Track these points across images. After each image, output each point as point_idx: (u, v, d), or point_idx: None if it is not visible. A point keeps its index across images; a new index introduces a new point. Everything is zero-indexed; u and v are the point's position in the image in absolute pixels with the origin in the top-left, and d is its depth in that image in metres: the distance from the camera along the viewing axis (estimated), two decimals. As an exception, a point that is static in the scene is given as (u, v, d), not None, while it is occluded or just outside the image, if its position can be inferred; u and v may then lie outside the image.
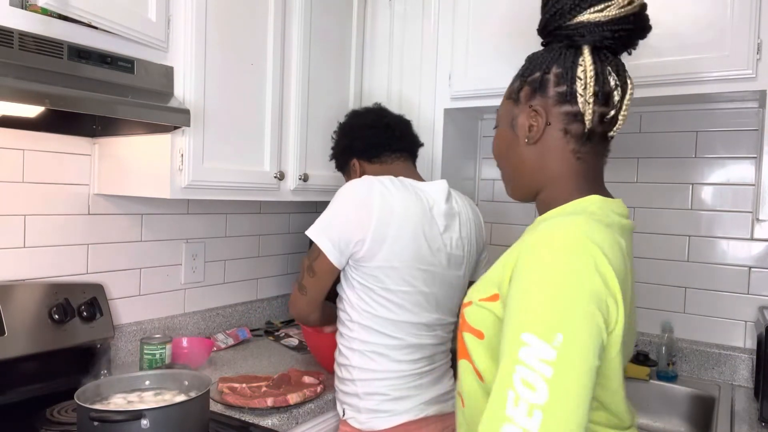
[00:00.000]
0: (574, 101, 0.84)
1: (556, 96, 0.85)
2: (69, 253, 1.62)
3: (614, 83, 0.84)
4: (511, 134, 0.91)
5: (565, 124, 0.85)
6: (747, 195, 1.88)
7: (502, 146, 0.95)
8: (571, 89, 0.83)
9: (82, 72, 1.28)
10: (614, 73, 0.85)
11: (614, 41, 0.84)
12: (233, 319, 2.11)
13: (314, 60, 1.92)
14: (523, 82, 0.89)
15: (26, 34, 1.18)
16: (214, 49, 1.56)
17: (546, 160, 0.88)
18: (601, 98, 0.84)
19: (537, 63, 0.88)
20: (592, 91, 0.83)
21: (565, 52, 0.85)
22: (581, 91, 0.83)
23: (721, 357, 1.90)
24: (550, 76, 0.85)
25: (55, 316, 1.47)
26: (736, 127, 1.90)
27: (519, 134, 0.89)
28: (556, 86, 0.85)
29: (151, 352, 1.63)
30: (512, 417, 0.64)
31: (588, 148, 0.87)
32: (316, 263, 1.39)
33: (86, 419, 1.09)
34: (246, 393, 1.45)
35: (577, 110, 0.84)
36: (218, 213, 2.06)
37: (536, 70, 0.87)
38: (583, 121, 0.85)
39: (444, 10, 2.03)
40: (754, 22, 1.53)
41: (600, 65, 0.84)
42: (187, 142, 1.50)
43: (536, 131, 0.87)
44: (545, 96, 0.86)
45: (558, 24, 0.85)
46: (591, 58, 0.83)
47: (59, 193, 1.59)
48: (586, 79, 0.83)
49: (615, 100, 0.85)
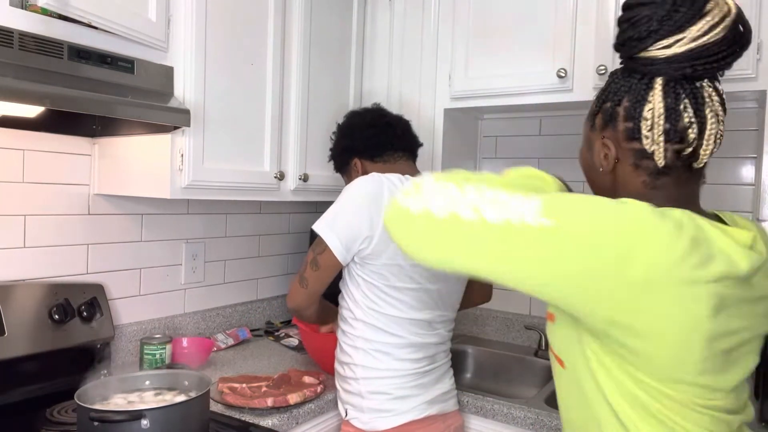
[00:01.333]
0: (641, 139, 0.80)
1: (624, 131, 0.82)
2: (69, 253, 1.62)
3: (689, 120, 0.78)
4: (589, 156, 0.90)
5: (635, 159, 0.82)
6: (747, 195, 1.88)
7: (583, 164, 0.93)
8: (638, 127, 0.80)
9: (82, 72, 1.28)
10: (692, 107, 0.78)
11: (695, 72, 0.77)
12: (233, 319, 2.11)
13: (314, 60, 1.92)
14: (598, 108, 0.86)
15: (26, 34, 1.18)
16: (214, 49, 1.56)
17: (619, 189, 0.86)
18: (674, 136, 0.79)
19: (611, 90, 0.84)
20: (662, 130, 0.78)
21: (636, 83, 0.80)
22: (646, 132, 0.79)
23: (721, 357, 1.89)
24: (620, 109, 0.82)
25: (55, 316, 1.47)
26: (736, 127, 1.90)
27: (594, 158, 0.88)
28: (625, 121, 0.81)
29: (151, 352, 1.63)
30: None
31: (665, 180, 0.83)
32: (321, 257, 1.39)
33: (86, 419, 1.09)
34: (246, 393, 1.45)
35: (642, 148, 0.81)
36: (218, 213, 2.06)
37: (609, 99, 0.84)
38: (653, 158, 0.81)
39: (444, 9, 2.03)
40: (754, 22, 1.53)
41: (674, 100, 0.78)
42: (187, 142, 1.50)
43: (608, 164, 0.85)
44: (615, 130, 0.83)
45: (629, 54, 0.81)
46: (662, 94, 0.78)
47: (59, 193, 1.59)
48: (654, 118, 0.78)
49: (690, 138, 0.79)
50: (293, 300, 1.47)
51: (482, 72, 1.95)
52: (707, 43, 0.76)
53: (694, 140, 0.80)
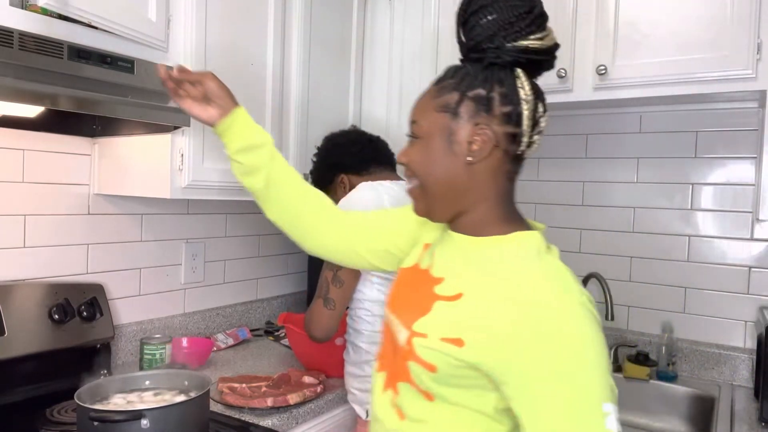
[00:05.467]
0: (519, 123, 0.84)
1: (501, 116, 0.84)
2: (69, 253, 1.62)
3: (542, 109, 0.86)
4: (446, 150, 0.86)
5: (506, 145, 0.85)
6: (747, 195, 1.88)
7: (428, 161, 0.88)
8: (517, 110, 0.83)
9: (82, 72, 1.28)
10: (541, 99, 0.86)
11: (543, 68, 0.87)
12: (233, 319, 2.11)
13: (314, 60, 1.92)
14: (463, 96, 0.85)
15: (26, 34, 1.18)
16: (213, 49, 1.56)
17: (481, 181, 0.86)
18: (535, 123, 0.85)
19: (476, 80, 0.85)
20: (532, 115, 0.84)
21: (501, 72, 0.84)
22: (527, 114, 0.84)
23: (721, 357, 1.89)
24: (494, 95, 0.84)
25: (55, 316, 1.47)
26: (736, 127, 1.90)
27: (457, 151, 0.85)
28: (502, 106, 0.84)
29: (151, 352, 1.63)
30: None
31: (517, 169, 0.89)
32: (342, 272, 1.40)
33: (86, 419, 1.09)
34: (246, 393, 1.45)
35: (519, 131, 0.84)
36: (218, 213, 2.06)
37: (477, 87, 0.84)
38: (519, 143, 0.85)
39: (444, 9, 2.03)
40: (754, 22, 1.53)
41: (534, 90, 0.85)
42: (187, 142, 1.50)
43: (483, 151, 0.84)
44: (491, 115, 0.84)
45: (498, 44, 0.83)
46: (528, 82, 0.85)
47: (59, 193, 1.59)
48: (530, 102, 0.84)
49: (541, 126, 0.86)
50: (321, 326, 1.43)
51: (482, 72, 1.95)
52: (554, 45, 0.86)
53: (542, 129, 0.87)
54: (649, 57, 1.68)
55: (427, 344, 0.82)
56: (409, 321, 0.87)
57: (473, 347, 0.78)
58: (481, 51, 0.85)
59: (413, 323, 0.86)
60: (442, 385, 0.83)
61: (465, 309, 0.82)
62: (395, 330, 0.91)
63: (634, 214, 2.07)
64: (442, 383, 0.82)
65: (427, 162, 0.88)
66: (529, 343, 0.74)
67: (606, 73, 1.72)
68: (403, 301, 0.93)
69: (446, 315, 0.83)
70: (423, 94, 0.92)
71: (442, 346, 0.80)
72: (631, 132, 2.07)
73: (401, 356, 0.87)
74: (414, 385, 0.86)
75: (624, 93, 1.74)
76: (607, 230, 2.12)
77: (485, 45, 0.84)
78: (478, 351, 0.78)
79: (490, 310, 0.79)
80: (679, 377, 1.92)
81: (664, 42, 1.66)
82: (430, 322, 0.84)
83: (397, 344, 0.89)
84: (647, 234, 2.04)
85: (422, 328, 0.84)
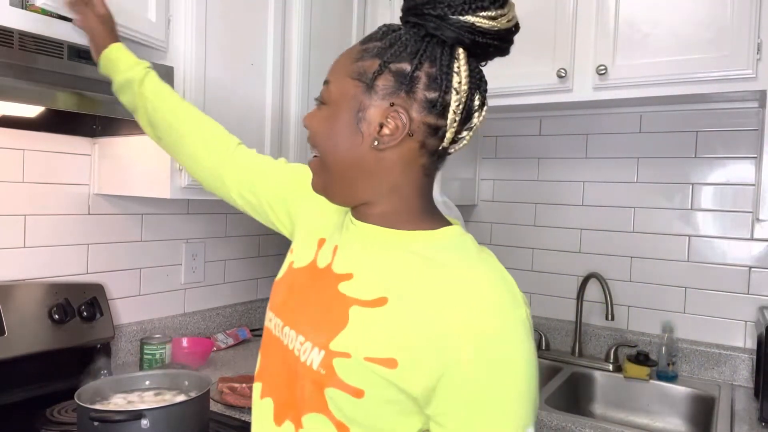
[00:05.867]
0: (443, 114, 0.69)
1: (423, 101, 0.69)
2: (69, 253, 1.62)
3: (480, 102, 0.72)
4: (352, 125, 0.71)
5: (424, 136, 0.71)
6: (747, 195, 1.89)
7: (331, 133, 0.73)
8: (444, 99, 0.69)
9: (82, 72, 1.27)
10: (480, 90, 0.72)
11: (493, 54, 0.73)
12: (233, 319, 2.11)
13: (314, 60, 1.92)
14: (384, 67, 0.69)
15: (26, 34, 1.18)
16: (214, 49, 1.56)
17: (389, 170, 0.72)
18: (466, 116, 0.71)
19: (405, 50, 0.69)
20: (463, 108, 0.70)
21: (436, 48, 0.69)
22: (455, 106, 0.69)
23: (721, 357, 1.90)
24: (421, 74, 0.69)
25: (55, 316, 1.47)
26: (736, 127, 1.90)
27: (363, 130, 0.71)
28: (426, 90, 0.69)
29: (151, 352, 1.63)
30: None
31: (437, 165, 0.75)
32: None
33: (86, 419, 1.09)
34: (246, 393, 1.45)
35: (442, 125, 0.70)
36: (218, 213, 2.06)
37: (403, 59, 0.69)
38: (442, 138, 0.71)
39: (444, 10, 2.03)
40: (754, 22, 1.53)
41: (476, 78, 0.71)
42: (187, 142, 1.50)
43: (393, 138, 0.70)
44: (412, 98, 0.69)
45: (440, 13, 0.68)
46: (467, 68, 0.69)
47: (59, 193, 1.59)
48: (461, 93, 0.69)
49: (474, 122, 0.72)
50: None
51: (482, 72, 1.95)
52: (510, 28, 0.71)
53: (474, 125, 0.73)
54: (649, 57, 1.68)
55: (351, 365, 0.68)
56: (324, 339, 0.71)
57: (408, 369, 0.66)
58: (420, 15, 0.70)
59: (330, 341, 0.70)
60: (368, 413, 0.69)
61: (393, 320, 0.68)
62: (295, 348, 0.74)
63: (634, 214, 2.07)
64: (368, 410, 0.68)
65: (329, 134, 0.73)
66: (465, 362, 0.64)
67: (606, 73, 1.72)
68: (302, 309, 0.77)
69: (369, 326, 0.69)
70: (345, 52, 0.76)
71: (370, 367, 0.67)
72: (631, 132, 2.07)
73: (313, 383, 0.71)
74: (330, 416, 0.70)
75: (624, 93, 1.74)
76: (607, 230, 2.12)
77: (426, 9, 0.69)
78: (413, 373, 0.65)
79: (425, 322, 0.66)
80: (679, 377, 1.92)
81: (664, 42, 1.66)
82: (352, 338, 0.69)
83: (302, 368, 0.72)
84: (647, 234, 2.05)
85: (342, 346, 0.69)
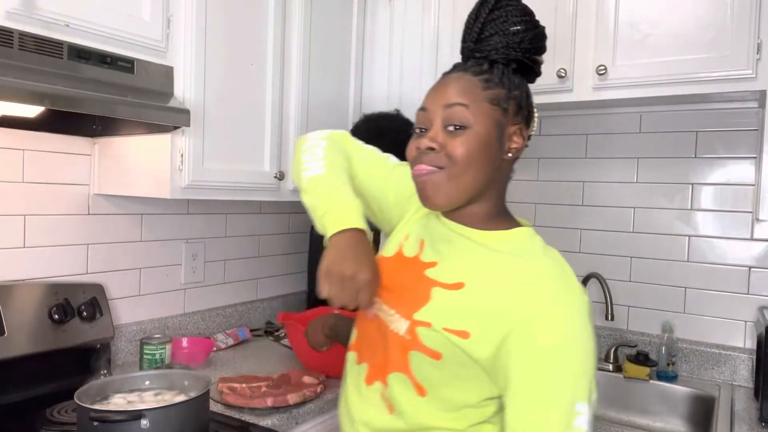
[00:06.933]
0: (531, 125, 0.92)
1: (525, 117, 0.90)
2: (69, 253, 1.62)
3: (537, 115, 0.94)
4: (495, 142, 0.87)
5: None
6: (747, 195, 1.88)
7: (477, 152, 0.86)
8: (531, 114, 0.91)
9: (82, 72, 1.28)
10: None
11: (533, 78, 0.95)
12: (233, 319, 2.11)
13: (314, 60, 1.92)
14: (509, 95, 0.88)
15: (26, 34, 1.18)
16: (214, 49, 1.56)
17: (502, 177, 0.91)
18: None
19: (512, 80, 0.89)
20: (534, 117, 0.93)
21: (518, 77, 0.90)
22: (535, 116, 0.92)
23: (721, 357, 1.89)
24: (524, 100, 0.90)
25: (55, 316, 1.47)
26: (736, 127, 1.90)
27: (504, 145, 0.88)
28: (527, 110, 0.90)
29: (151, 352, 1.63)
30: None
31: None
32: None
33: (86, 419, 1.09)
34: (246, 393, 1.45)
35: (529, 134, 0.91)
36: (218, 213, 2.06)
37: (515, 88, 0.89)
38: (525, 145, 0.91)
39: (444, 9, 2.03)
40: (754, 22, 1.53)
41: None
42: (187, 142, 1.50)
43: (519, 150, 0.90)
44: (521, 116, 0.89)
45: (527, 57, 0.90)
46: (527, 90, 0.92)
47: (59, 193, 1.59)
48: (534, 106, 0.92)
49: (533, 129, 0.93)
50: None
51: (482, 72, 1.95)
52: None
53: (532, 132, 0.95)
54: (649, 57, 1.68)
55: (431, 333, 0.83)
56: (409, 311, 0.87)
57: (478, 340, 0.80)
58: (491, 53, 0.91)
59: (414, 313, 0.86)
60: (442, 374, 0.84)
61: (468, 300, 0.83)
62: (387, 320, 0.90)
63: (634, 214, 2.07)
64: (443, 371, 0.83)
65: (478, 152, 0.86)
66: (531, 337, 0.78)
67: (606, 73, 1.72)
68: (392, 289, 0.92)
69: (448, 304, 0.84)
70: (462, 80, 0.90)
71: (447, 336, 0.82)
72: (631, 132, 2.07)
73: (399, 347, 0.87)
74: (411, 376, 0.86)
75: (624, 93, 1.74)
76: (607, 230, 2.12)
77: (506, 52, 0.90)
78: (483, 344, 0.80)
79: (495, 304, 0.81)
80: (679, 377, 1.92)
81: (664, 42, 1.66)
82: (433, 311, 0.85)
83: (391, 334, 0.89)
84: (647, 234, 2.04)
85: (425, 316, 0.85)
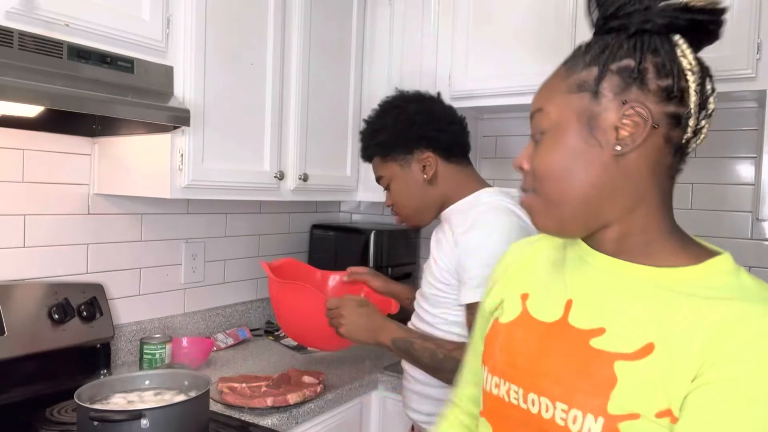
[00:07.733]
0: (683, 100, 0.64)
1: (658, 91, 0.63)
2: (69, 253, 1.62)
3: (711, 88, 0.66)
4: (587, 141, 0.65)
5: (668, 128, 0.64)
6: (747, 195, 1.88)
7: (561, 160, 0.67)
8: (681, 84, 0.63)
9: (82, 72, 1.28)
10: (710, 76, 0.66)
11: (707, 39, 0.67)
12: (233, 319, 2.11)
13: (314, 60, 1.92)
14: (605, 70, 0.65)
15: (26, 34, 1.18)
16: (213, 49, 1.56)
17: (634, 178, 0.65)
18: (701, 103, 0.65)
19: (620, 49, 0.65)
20: (701, 90, 0.64)
21: (656, 39, 0.64)
22: (694, 87, 0.64)
23: (721, 357, 1.89)
24: (647, 65, 0.63)
25: (55, 316, 1.47)
26: (736, 127, 1.90)
27: (601, 140, 0.65)
28: (658, 79, 0.63)
29: (151, 352, 1.63)
30: None
31: (680, 164, 0.68)
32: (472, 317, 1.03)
33: (86, 419, 1.09)
34: (246, 393, 1.45)
35: (684, 111, 0.64)
36: (218, 213, 2.06)
37: (622, 58, 0.64)
38: (686, 128, 0.65)
39: (444, 9, 2.03)
40: (754, 22, 1.53)
41: (700, 61, 0.65)
42: (186, 141, 1.50)
43: (634, 138, 0.64)
44: (645, 90, 0.63)
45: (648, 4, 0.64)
46: (691, 50, 0.64)
47: (59, 193, 1.59)
48: (696, 74, 0.64)
49: (710, 108, 0.66)
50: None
51: (482, 72, 1.95)
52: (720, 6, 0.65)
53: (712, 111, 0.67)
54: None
55: (641, 426, 0.59)
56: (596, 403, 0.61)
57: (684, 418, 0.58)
58: (624, 16, 0.65)
59: (605, 404, 0.61)
60: None
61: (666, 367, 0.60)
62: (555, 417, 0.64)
63: (634, 214, 2.07)
64: None
65: (560, 160, 0.67)
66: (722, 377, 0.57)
67: (606, 73, 1.72)
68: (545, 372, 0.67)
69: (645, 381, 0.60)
70: (548, 79, 0.73)
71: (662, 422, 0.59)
72: (631, 132, 2.07)
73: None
74: None
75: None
76: (607, 230, 2.11)
77: (630, 8, 0.64)
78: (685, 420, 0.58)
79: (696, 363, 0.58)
80: (679, 377, 1.92)
81: (664, 42, 1.66)
82: (631, 397, 0.60)
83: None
84: (647, 234, 2.04)
85: (625, 407, 0.60)
